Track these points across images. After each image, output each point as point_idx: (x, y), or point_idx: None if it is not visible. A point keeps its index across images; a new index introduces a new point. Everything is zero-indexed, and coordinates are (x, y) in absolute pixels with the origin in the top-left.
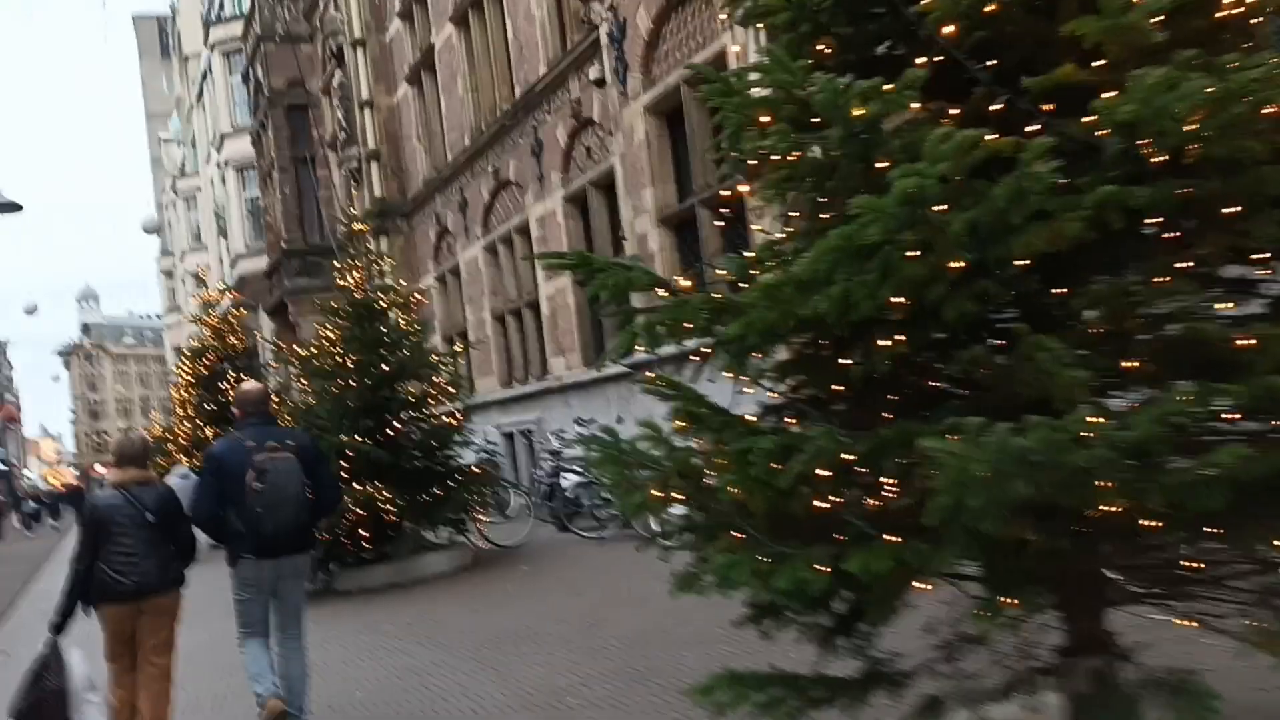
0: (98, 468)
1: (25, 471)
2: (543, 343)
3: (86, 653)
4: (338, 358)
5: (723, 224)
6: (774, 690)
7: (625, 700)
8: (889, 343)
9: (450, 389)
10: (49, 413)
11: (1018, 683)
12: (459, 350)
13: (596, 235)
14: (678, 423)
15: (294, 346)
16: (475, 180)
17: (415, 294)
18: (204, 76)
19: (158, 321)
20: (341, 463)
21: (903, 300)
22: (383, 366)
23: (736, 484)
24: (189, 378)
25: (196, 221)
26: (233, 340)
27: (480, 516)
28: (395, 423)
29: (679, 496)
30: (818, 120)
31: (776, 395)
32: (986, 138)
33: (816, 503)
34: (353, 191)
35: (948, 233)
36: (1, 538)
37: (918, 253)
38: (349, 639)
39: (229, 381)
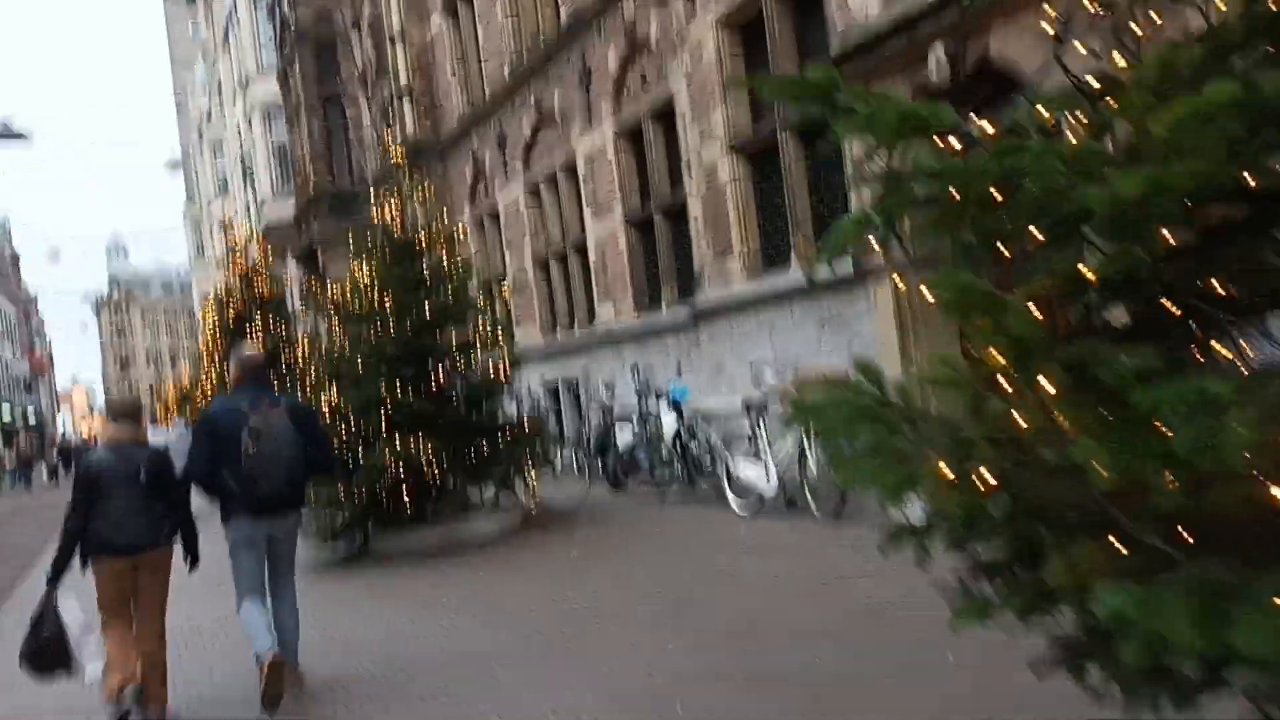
0: None
1: (58, 421)
2: (590, 289)
3: (82, 603)
4: (374, 300)
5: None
6: None
7: (755, 713)
8: None
9: (495, 337)
10: (80, 362)
11: None
12: (504, 294)
13: (653, 171)
14: (991, 352)
15: (326, 288)
16: (515, 115)
17: (459, 230)
18: (229, 18)
19: (185, 272)
20: (381, 415)
21: None
22: (425, 309)
23: (1121, 461)
24: (215, 325)
25: (223, 169)
26: (260, 286)
27: (531, 475)
28: (438, 372)
29: (988, 478)
30: None
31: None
32: None
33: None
34: (384, 130)
35: None
36: (29, 488)
37: None
38: (394, 613)
39: (256, 330)
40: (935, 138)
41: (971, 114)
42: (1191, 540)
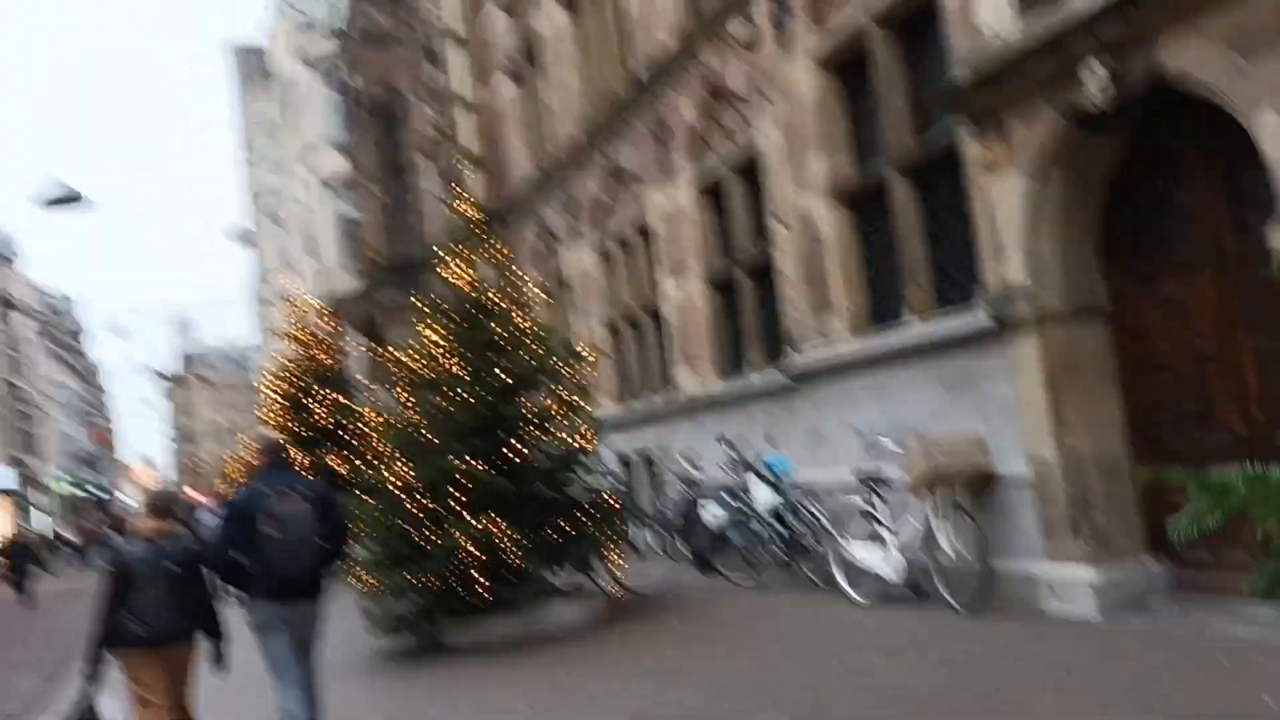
0: (188, 490)
1: (121, 497)
2: (664, 354)
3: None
4: (444, 365)
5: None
6: None
7: None
8: None
9: (576, 404)
10: (141, 435)
11: None
12: (588, 356)
13: (735, 226)
14: None
15: (394, 354)
16: (584, 174)
17: (538, 289)
18: (294, 91)
19: (250, 348)
20: (452, 491)
21: None
22: (500, 374)
23: None
24: (276, 396)
25: (287, 245)
26: (321, 356)
27: (614, 557)
28: (515, 443)
29: None
30: None
31: None
32: None
33: None
34: (450, 195)
35: None
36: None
37: None
38: None
39: (317, 401)
40: None
41: None
42: None
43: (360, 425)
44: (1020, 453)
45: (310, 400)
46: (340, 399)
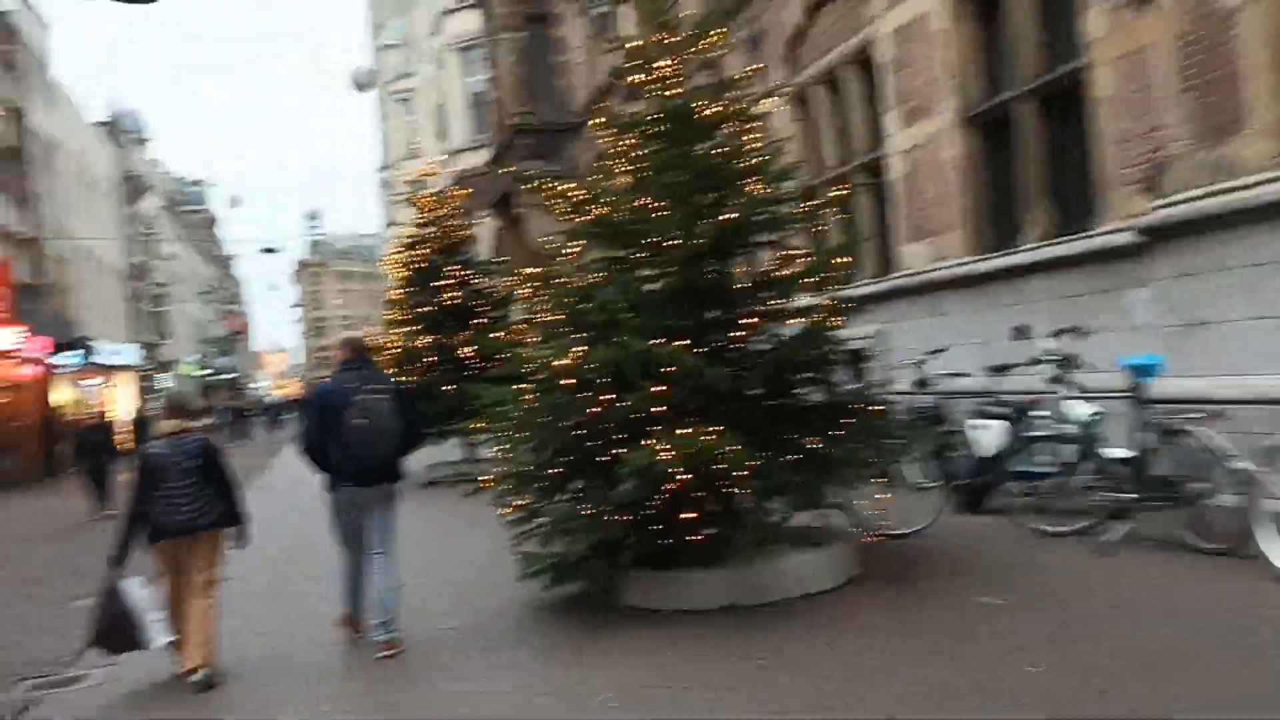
0: (320, 380)
1: (255, 384)
2: (884, 222)
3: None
4: (639, 203)
5: None
6: None
7: None
8: None
9: (828, 266)
10: (275, 326)
11: None
12: (843, 192)
13: (1015, 39)
14: None
15: (562, 189)
16: (770, 4)
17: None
18: None
19: (377, 240)
20: (649, 384)
21: None
22: (719, 215)
23: None
24: (401, 272)
25: (415, 126)
26: (451, 224)
27: (872, 488)
28: (740, 320)
29: None
30: None
31: None
32: None
33: None
34: (596, 50)
35: None
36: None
37: None
38: None
39: (447, 278)
40: None
41: None
42: None
43: (493, 301)
44: None
45: (439, 277)
46: (471, 276)
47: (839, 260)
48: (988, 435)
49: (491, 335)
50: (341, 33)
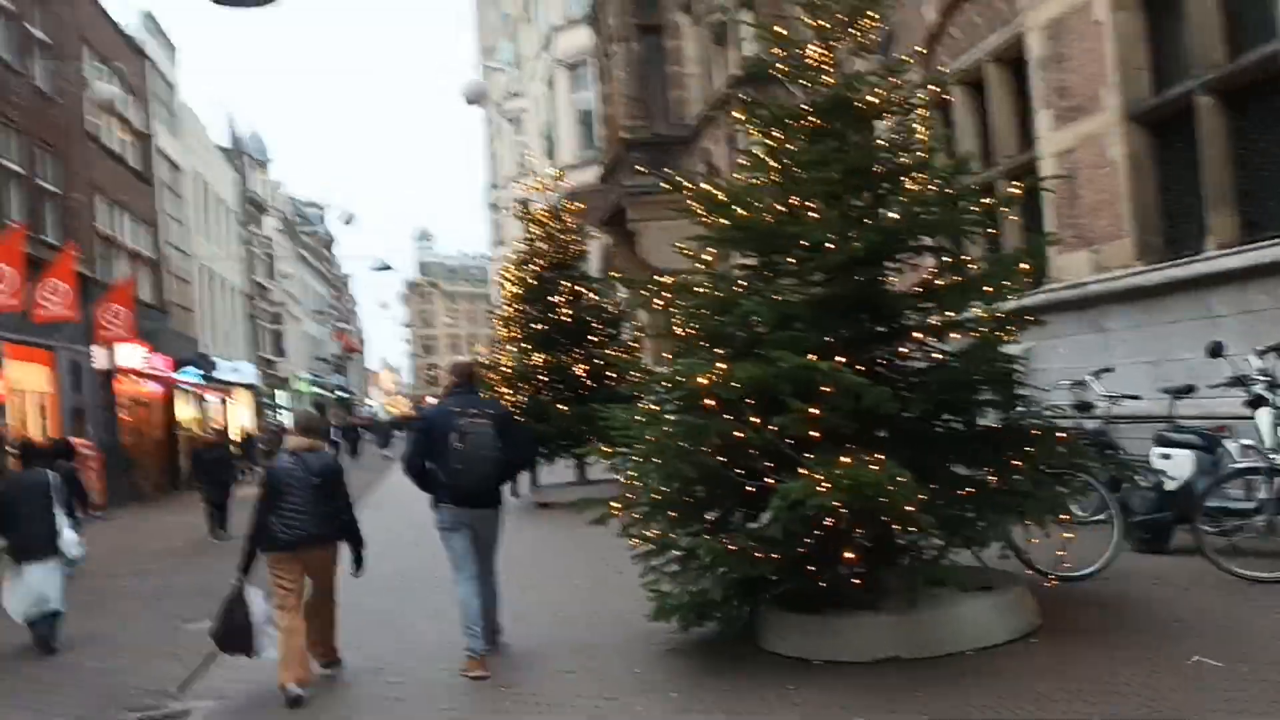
0: (429, 399)
1: (368, 401)
2: (1033, 230)
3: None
4: (788, 203)
5: None
6: None
7: None
8: None
9: (1004, 274)
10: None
11: None
12: (1017, 189)
13: (1189, 32)
14: None
15: (698, 188)
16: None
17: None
18: None
19: (486, 260)
20: (803, 407)
21: None
22: (879, 216)
23: None
24: (513, 289)
25: (524, 145)
26: (566, 240)
27: (1048, 525)
28: (908, 334)
29: None
30: None
31: None
32: None
33: None
34: (712, 59)
35: None
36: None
37: None
38: None
39: (562, 294)
40: None
41: None
42: None
43: (606, 319)
44: None
45: (553, 295)
46: (586, 293)
47: (1022, 267)
48: (1175, 465)
49: (607, 353)
50: (451, 47)
